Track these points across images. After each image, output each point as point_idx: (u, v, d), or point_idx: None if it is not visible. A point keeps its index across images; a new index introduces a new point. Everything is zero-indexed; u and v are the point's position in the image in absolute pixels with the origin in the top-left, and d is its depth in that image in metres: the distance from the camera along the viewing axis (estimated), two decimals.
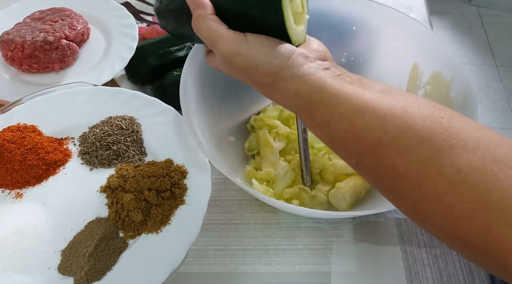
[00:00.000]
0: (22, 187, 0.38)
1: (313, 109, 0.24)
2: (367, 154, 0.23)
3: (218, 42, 0.25)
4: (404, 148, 0.21)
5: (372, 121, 0.22)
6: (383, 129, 0.22)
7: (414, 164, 0.21)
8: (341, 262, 0.38)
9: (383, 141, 0.22)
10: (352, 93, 0.23)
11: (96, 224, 0.36)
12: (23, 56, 0.47)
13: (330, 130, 0.24)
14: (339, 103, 0.23)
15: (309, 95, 0.24)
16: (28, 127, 0.41)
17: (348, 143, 0.23)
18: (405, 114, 0.22)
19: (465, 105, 0.37)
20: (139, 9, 0.60)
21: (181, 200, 0.36)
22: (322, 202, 0.40)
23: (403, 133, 0.21)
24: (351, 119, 0.23)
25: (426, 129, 0.21)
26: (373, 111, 0.22)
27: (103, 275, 0.33)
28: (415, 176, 0.21)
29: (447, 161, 0.20)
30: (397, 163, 0.21)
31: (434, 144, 0.21)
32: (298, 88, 0.24)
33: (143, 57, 0.49)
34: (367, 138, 0.22)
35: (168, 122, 0.41)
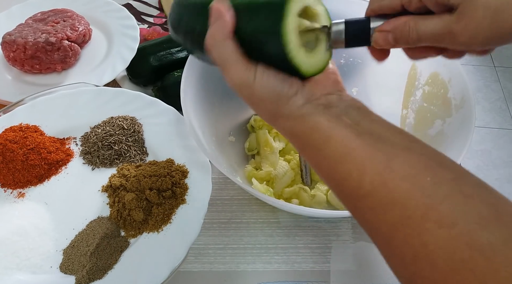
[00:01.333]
0: (24, 186, 0.39)
1: (304, 149, 0.24)
2: (346, 201, 0.23)
3: (228, 69, 0.24)
4: (377, 206, 0.20)
5: (351, 171, 0.21)
6: (360, 182, 0.21)
7: (384, 225, 0.20)
8: (340, 261, 0.38)
9: (359, 193, 0.21)
10: (340, 138, 0.22)
11: (98, 223, 0.36)
12: (25, 57, 0.47)
13: (316, 169, 0.24)
14: (324, 149, 0.23)
15: (302, 135, 0.24)
16: (30, 127, 0.41)
17: (331, 185, 0.23)
18: (386, 169, 0.20)
19: (463, 105, 0.38)
20: (140, 11, 0.60)
21: (182, 199, 0.36)
22: (322, 201, 0.40)
23: (378, 190, 0.20)
24: (334, 165, 0.22)
25: (402, 191, 0.19)
26: (354, 161, 0.21)
27: (105, 273, 0.33)
28: (385, 235, 0.20)
29: (415, 231, 0.19)
30: (370, 219, 0.21)
31: (406, 211, 0.19)
32: (293, 127, 0.24)
33: (144, 58, 0.49)
34: (345, 187, 0.22)
35: (169, 123, 0.41)
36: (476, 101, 1.38)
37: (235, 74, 0.24)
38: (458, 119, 0.37)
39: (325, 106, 0.24)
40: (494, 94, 1.40)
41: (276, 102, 0.24)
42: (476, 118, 0.37)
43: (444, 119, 0.39)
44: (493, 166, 1.22)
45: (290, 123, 0.24)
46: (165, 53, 0.49)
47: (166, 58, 0.49)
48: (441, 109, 0.40)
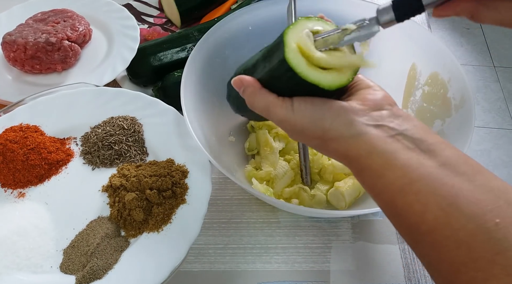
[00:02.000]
0: (25, 186, 0.39)
1: (360, 173, 0.23)
2: (405, 234, 0.22)
3: (270, 111, 0.26)
4: (439, 244, 0.19)
5: (413, 204, 0.20)
6: (422, 217, 0.20)
7: (446, 263, 0.19)
8: (340, 261, 0.38)
9: (421, 228, 0.20)
10: (400, 166, 0.21)
11: (98, 223, 0.36)
12: (25, 57, 0.48)
13: (374, 196, 0.23)
14: (384, 175, 0.21)
15: (358, 159, 0.23)
16: (31, 127, 0.41)
17: (390, 214, 0.22)
18: (451, 207, 0.19)
19: (462, 105, 0.38)
20: (140, 11, 0.60)
21: (182, 199, 0.36)
22: (321, 201, 0.40)
23: (441, 228, 0.19)
24: (393, 194, 0.21)
25: (468, 232, 0.18)
26: (416, 194, 0.20)
27: (105, 273, 0.33)
28: (445, 275, 0.19)
29: (481, 276, 0.18)
30: (431, 255, 0.20)
31: (472, 253, 0.18)
32: (348, 150, 0.23)
33: (145, 58, 0.49)
34: (405, 220, 0.21)
35: (169, 123, 0.41)
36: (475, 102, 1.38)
37: (276, 114, 0.26)
38: (457, 120, 0.38)
39: (377, 125, 0.23)
40: (493, 95, 1.40)
41: (321, 127, 0.24)
42: (476, 119, 0.37)
43: (444, 119, 0.39)
44: (493, 166, 1.22)
45: (342, 146, 0.23)
46: (165, 53, 0.49)
47: (166, 58, 0.49)
48: (440, 110, 0.40)
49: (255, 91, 0.27)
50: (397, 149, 0.22)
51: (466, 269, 0.18)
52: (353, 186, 0.39)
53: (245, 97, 0.28)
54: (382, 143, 0.22)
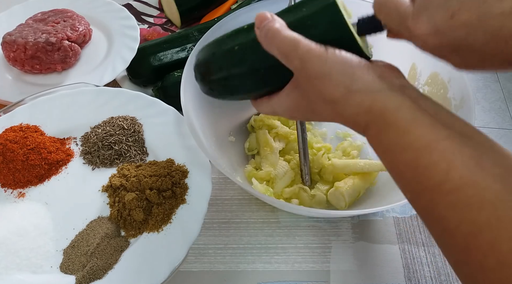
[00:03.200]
0: (25, 186, 0.39)
1: (382, 130, 0.22)
2: (422, 194, 0.21)
3: (297, 46, 0.24)
4: (462, 204, 0.19)
5: (438, 162, 0.20)
6: (447, 175, 0.19)
7: (467, 225, 0.19)
8: (340, 261, 0.38)
9: (442, 188, 0.20)
10: (426, 124, 0.21)
11: (98, 223, 0.36)
12: (25, 57, 0.48)
13: (393, 157, 0.22)
14: (410, 131, 0.21)
15: (383, 114, 0.22)
16: (31, 127, 0.41)
17: (407, 176, 0.21)
18: (476, 166, 0.19)
19: (462, 105, 0.38)
20: (140, 11, 0.60)
21: (182, 199, 0.36)
22: (321, 201, 0.40)
23: (466, 187, 0.19)
24: (417, 153, 0.21)
25: (493, 192, 0.18)
26: (442, 152, 0.20)
27: (105, 273, 0.33)
28: (464, 238, 0.19)
29: (505, 234, 0.17)
30: (450, 217, 0.19)
31: (497, 211, 0.18)
32: (373, 103, 0.22)
33: (145, 58, 0.49)
34: (427, 179, 0.20)
35: (169, 123, 0.41)
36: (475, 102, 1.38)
37: (306, 49, 0.24)
38: None
39: (402, 86, 0.23)
40: (494, 94, 1.40)
41: (350, 73, 0.23)
42: (476, 119, 0.37)
43: None
44: None
45: (368, 98, 0.22)
46: (165, 53, 0.49)
47: (166, 58, 0.49)
48: None
49: (282, 26, 0.24)
50: (424, 108, 0.22)
51: (489, 229, 0.18)
52: (353, 186, 0.39)
53: (263, 33, 0.25)
54: (409, 101, 0.22)
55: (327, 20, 0.25)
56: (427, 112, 0.22)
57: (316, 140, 0.44)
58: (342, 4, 0.26)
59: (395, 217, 0.42)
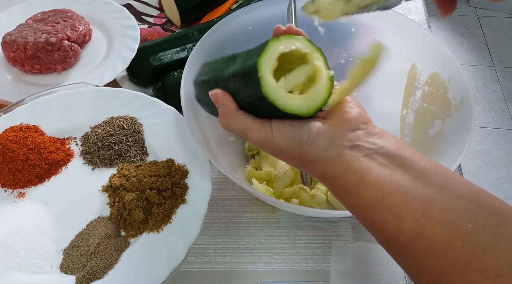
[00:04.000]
0: (25, 186, 0.39)
1: (337, 192, 0.24)
2: (385, 245, 0.22)
3: (248, 134, 0.26)
4: (417, 255, 0.20)
5: (388, 218, 0.21)
6: (399, 230, 0.20)
7: (425, 273, 0.19)
8: (340, 261, 0.38)
9: (398, 241, 0.21)
10: (373, 183, 0.22)
11: (98, 223, 0.36)
12: (25, 57, 0.48)
13: (352, 212, 0.24)
14: (358, 193, 0.22)
15: (334, 179, 0.24)
16: (31, 127, 0.41)
17: (369, 229, 0.23)
18: (424, 216, 0.20)
19: (462, 105, 0.38)
20: (140, 11, 0.60)
21: (182, 199, 0.36)
22: (321, 201, 0.40)
23: (417, 239, 0.20)
24: (369, 211, 0.22)
25: (443, 240, 0.19)
26: (390, 208, 0.21)
27: (105, 273, 0.33)
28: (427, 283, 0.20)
29: (459, 282, 0.18)
30: (410, 266, 0.20)
31: (448, 259, 0.18)
32: (324, 170, 0.24)
33: (145, 58, 0.49)
34: (383, 234, 0.22)
35: (169, 123, 0.41)
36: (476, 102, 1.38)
37: (255, 136, 0.25)
38: (458, 120, 0.38)
39: (353, 146, 0.24)
40: (494, 94, 1.40)
41: (300, 150, 0.24)
42: (476, 119, 0.37)
43: (444, 119, 0.39)
44: (493, 166, 1.22)
45: (319, 167, 0.24)
46: (165, 54, 0.49)
47: (166, 58, 0.49)
48: (441, 110, 0.40)
49: (231, 114, 0.26)
50: (371, 166, 0.23)
51: (444, 277, 0.19)
52: None
53: (219, 116, 0.27)
54: (357, 162, 0.23)
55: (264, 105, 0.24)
56: (376, 167, 0.22)
57: None
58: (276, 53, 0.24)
59: None
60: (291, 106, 0.24)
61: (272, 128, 0.25)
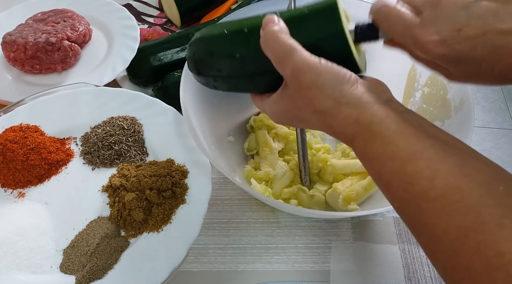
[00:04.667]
0: (25, 186, 0.39)
1: (368, 141, 0.23)
2: (409, 202, 0.21)
3: (293, 54, 0.25)
4: (448, 209, 0.19)
5: (423, 170, 0.21)
6: (432, 183, 0.20)
7: (453, 230, 0.19)
8: (340, 261, 0.38)
9: (428, 195, 0.20)
10: (411, 134, 0.22)
11: (98, 223, 0.36)
12: (25, 57, 0.48)
13: (380, 167, 0.23)
14: (395, 142, 0.22)
15: (369, 125, 0.23)
16: (31, 127, 0.41)
17: (394, 185, 0.22)
18: (460, 173, 0.20)
19: (462, 107, 0.38)
20: (140, 11, 0.60)
21: (182, 199, 0.36)
22: (320, 201, 0.40)
23: (451, 193, 0.20)
24: (403, 161, 0.21)
25: (476, 197, 0.19)
26: (427, 160, 0.21)
27: (105, 273, 0.33)
28: (451, 243, 0.19)
29: (490, 239, 0.18)
30: (437, 223, 0.20)
31: (481, 216, 0.18)
32: (360, 116, 0.23)
33: (145, 58, 0.49)
34: (413, 187, 0.21)
35: (169, 123, 0.41)
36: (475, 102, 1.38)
37: (301, 58, 0.25)
38: (457, 121, 0.38)
39: (387, 100, 0.24)
40: (494, 94, 1.40)
41: (341, 86, 0.24)
42: (476, 119, 0.37)
43: (443, 120, 0.39)
44: None
45: (356, 111, 0.24)
46: (165, 54, 0.49)
47: (166, 58, 0.49)
48: (440, 111, 0.40)
49: (284, 30, 0.25)
50: (407, 120, 0.23)
51: (475, 233, 0.18)
52: (351, 187, 0.39)
53: (265, 33, 0.26)
54: (394, 113, 0.23)
55: (327, 30, 0.26)
56: (411, 124, 0.23)
57: (315, 141, 0.44)
58: (343, 10, 0.26)
59: (395, 217, 0.42)
60: (356, 55, 0.26)
61: (320, 60, 0.25)
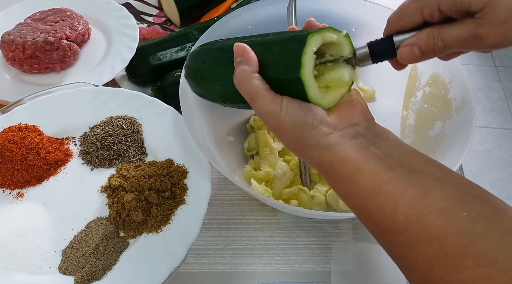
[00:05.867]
0: (23, 186, 0.39)
1: (333, 180, 0.24)
2: (378, 235, 0.22)
3: (256, 100, 0.26)
4: (412, 242, 0.20)
5: (384, 205, 0.21)
6: (394, 217, 0.21)
7: (420, 261, 0.20)
8: (341, 262, 0.38)
9: (393, 228, 0.21)
10: (371, 171, 0.22)
11: (97, 223, 0.36)
12: (24, 57, 0.47)
13: (347, 202, 0.24)
14: (355, 181, 0.23)
15: (331, 166, 0.24)
16: (29, 127, 0.41)
17: (363, 219, 0.23)
18: (419, 205, 0.20)
19: (463, 106, 0.37)
20: (139, 10, 0.60)
21: (181, 199, 0.36)
22: (321, 202, 0.40)
23: (413, 226, 0.20)
24: (364, 199, 0.22)
25: (437, 227, 0.19)
26: (386, 196, 0.21)
27: (104, 274, 0.33)
28: (420, 273, 0.20)
29: (453, 269, 0.18)
30: (406, 254, 0.20)
31: (442, 246, 0.19)
32: (322, 157, 0.24)
33: (144, 57, 0.49)
34: (378, 222, 0.22)
35: (168, 123, 0.41)
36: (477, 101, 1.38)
37: (263, 105, 0.26)
38: (458, 121, 0.37)
39: (353, 137, 0.24)
40: (495, 94, 1.40)
41: (301, 132, 0.25)
42: (477, 119, 0.37)
43: (445, 120, 0.39)
44: (494, 166, 1.22)
45: (317, 153, 0.24)
46: (164, 53, 0.49)
47: (165, 57, 0.49)
48: (441, 111, 0.40)
49: (251, 74, 0.26)
50: (369, 157, 0.23)
51: (439, 264, 0.19)
52: None
53: (236, 72, 0.27)
54: (355, 152, 0.23)
55: (292, 87, 0.26)
56: (374, 158, 0.23)
57: None
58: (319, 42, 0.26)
59: None
60: (316, 98, 0.26)
61: (281, 104, 0.25)
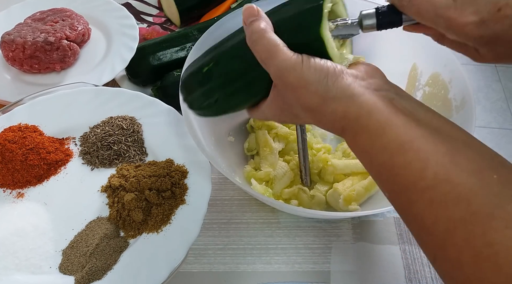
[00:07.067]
0: (24, 186, 0.39)
1: (357, 134, 0.23)
2: (399, 194, 0.21)
3: (276, 55, 0.24)
4: (437, 201, 0.19)
5: (412, 161, 0.20)
6: (422, 174, 0.20)
7: (442, 222, 0.19)
8: (341, 261, 0.38)
9: (418, 186, 0.20)
10: (400, 125, 0.21)
11: (97, 223, 0.36)
12: (24, 57, 0.47)
13: (370, 159, 0.23)
14: (383, 134, 0.22)
15: (357, 119, 0.23)
16: (29, 127, 0.41)
17: (384, 177, 0.22)
18: (450, 163, 0.19)
19: (463, 106, 0.38)
20: (139, 10, 0.60)
21: (182, 199, 0.36)
22: (321, 202, 0.40)
23: (441, 184, 0.19)
24: (391, 154, 0.21)
25: (468, 187, 0.18)
26: (416, 151, 0.20)
27: (104, 274, 0.33)
28: (440, 234, 0.19)
29: (479, 229, 0.18)
30: (426, 215, 0.20)
31: (471, 206, 0.18)
32: (347, 110, 0.23)
33: (144, 57, 0.49)
34: (403, 179, 0.21)
35: (168, 123, 0.41)
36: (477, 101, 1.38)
37: (283, 59, 0.24)
38: (458, 121, 0.37)
39: (375, 88, 0.23)
40: (495, 94, 1.40)
41: (324, 81, 0.23)
42: (477, 119, 0.37)
43: None
44: None
45: (342, 105, 0.23)
46: (164, 53, 0.49)
47: (165, 57, 0.49)
48: (441, 110, 0.39)
49: (268, 29, 0.25)
50: (397, 110, 0.22)
51: (464, 224, 0.18)
52: (351, 187, 0.39)
53: (251, 30, 0.25)
54: (382, 103, 0.22)
55: (306, 36, 0.26)
56: (402, 112, 0.22)
57: (315, 141, 0.44)
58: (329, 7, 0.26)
59: (395, 218, 0.41)
60: (336, 56, 0.25)
61: (302, 59, 0.24)
